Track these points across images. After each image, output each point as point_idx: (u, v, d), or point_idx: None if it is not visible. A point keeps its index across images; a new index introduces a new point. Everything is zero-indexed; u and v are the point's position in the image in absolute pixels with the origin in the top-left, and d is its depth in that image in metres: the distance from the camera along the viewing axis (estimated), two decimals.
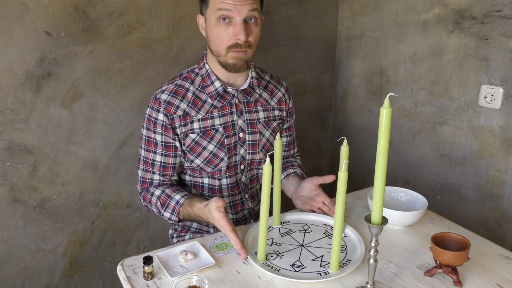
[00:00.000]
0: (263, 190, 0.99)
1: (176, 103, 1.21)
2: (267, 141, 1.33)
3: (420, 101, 1.76)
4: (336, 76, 2.15)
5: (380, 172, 0.82)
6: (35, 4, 1.31)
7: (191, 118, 1.22)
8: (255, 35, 1.16)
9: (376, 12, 1.88)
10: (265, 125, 1.32)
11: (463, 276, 1.00)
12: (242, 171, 1.31)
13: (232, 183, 1.30)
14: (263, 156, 1.32)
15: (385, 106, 0.78)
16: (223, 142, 1.25)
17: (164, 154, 1.23)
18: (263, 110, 1.32)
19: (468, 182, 1.64)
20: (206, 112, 1.23)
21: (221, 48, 1.16)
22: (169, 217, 1.21)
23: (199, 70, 1.27)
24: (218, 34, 1.14)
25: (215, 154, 1.25)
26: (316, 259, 1.04)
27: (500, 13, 1.44)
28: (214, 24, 1.14)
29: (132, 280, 0.98)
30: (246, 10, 1.11)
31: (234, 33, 1.13)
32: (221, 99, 1.25)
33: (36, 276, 1.53)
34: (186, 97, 1.23)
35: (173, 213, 1.20)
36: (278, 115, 1.36)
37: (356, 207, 1.32)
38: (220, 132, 1.24)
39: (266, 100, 1.33)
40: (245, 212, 1.36)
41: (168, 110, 1.20)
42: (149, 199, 1.25)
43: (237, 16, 1.11)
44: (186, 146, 1.24)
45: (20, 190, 1.42)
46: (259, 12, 1.16)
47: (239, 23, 1.11)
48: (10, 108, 1.35)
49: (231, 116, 1.26)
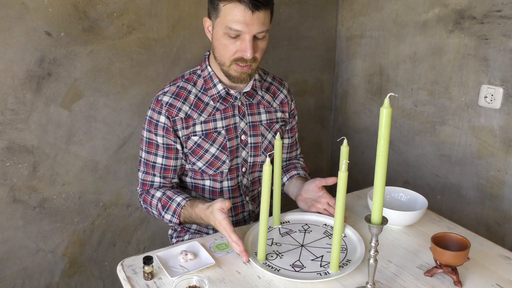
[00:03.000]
0: (263, 190, 0.99)
1: (178, 105, 1.20)
2: (269, 144, 1.32)
3: (420, 101, 1.76)
4: (336, 76, 2.15)
5: (380, 172, 0.82)
6: (35, 4, 1.31)
7: (194, 121, 1.21)
8: (261, 49, 1.15)
9: (376, 12, 1.88)
10: (267, 127, 1.31)
11: (463, 276, 1.00)
12: (244, 173, 1.31)
13: (233, 186, 1.30)
14: (265, 159, 1.32)
15: (385, 106, 0.78)
16: (225, 145, 1.24)
17: (166, 156, 1.23)
18: (266, 112, 1.31)
19: (468, 182, 1.64)
20: (208, 115, 1.23)
21: (226, 59, 1.15)
22: (169, 219, 1.20)
23: (201, 72, 1.25)
24: (224, 46, 1.13)
25: (217, 157, 1.24)
26: (316, 259, 1.04)
27: (500, 13, 1.44)
28: (222, 35, 1.12)
29: (132, 280, 0.98)
30: (256, 30, 1.09)
31: (242, 48, 1.11)
32: (223, 101, 1.24)
33: (36, 276, 1.53)
34: (188, 99, 1.22)
35: (174, 215, 1.19)
36: (281, 117, 1.35)
37: (356, 207, 1.32)
38: (223, 134, 1.24)
39: (268, 102, 1.33)
40: (245, 215, 1.36)
41: (170, 113, 1.20)
42: (149, 201, 1.24)
43: (246, 34, 1.09)
44: (188, 149, 1.23)
45: (20, 190, 1.42)
46: (268, 30, 1.14)
47: (248, 40, 1.09)
48: (10, 108, 1.35)
49: (234, 119, 1.25)
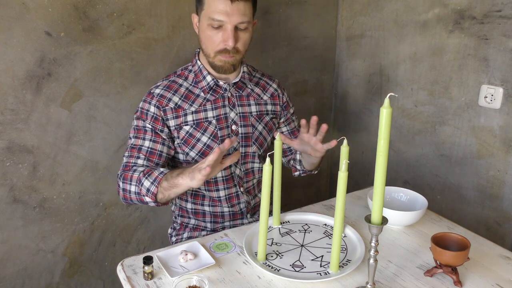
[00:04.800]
0: (263, 190, 0.99)
1: (169, 96, 1.26)
2: (259, 135, 1.35)
3: (420, 101, 1.76)
4: (336, 76, 2.15)
5: (380, 172, 0.82)
6: (35, 4, 1.31)
7: (184, 111, 1.26)
8: (244, 41, 1.22)
9: (376, 12, 1.88)
10: (257, 119, 1.35)
11: (463, 276, 1.00)
12: (236, 163, 1.33)
13: (226, 176, 1.32)
14: (257, 150, 1.35)
15: (385, 106, 0.78)
16: (216, 134, 1.27)
17: (153, 140, 1.24)
18: (256, 104, 1.35)
19: (468, 182, 1.64)
20: (199, 105, 1.27)
21: (210, 50, 1.22)
22: (148, 187, 1.12)
23: (192, 67, 1.32)
24: (208, 37, 1.20)
25: (209, 146, 1.27)
26: (316, 259, 1.04)
27: (500, 13, 1.44)
28: (206, 27, 1.20)
29: (132, 280, 0.98)
30: (237, 20, 1.16)
31: (224, 38, 1.19)
32: (213, 92, 1.29)
33: (36, 276, 1.53)
34: (179, 91, 1.28)
35: (154, 182, 1.11)
36: (272, 110, 1.39)
37: (356, 207, 1.32)
38: (213, 124, 1.27)
39: (258, 95, 1.37)
40: (241, 206, 1.37)
41: (161, 103, 1.24)
42: (130, 175, 1.17)
43: (227, 24, 1.17)
44: (181, 139, 1.26)
45: (20, 190, 1.42)
46: (250, 22, 1.21)
47: (229, 30, 1.17)
48: (10, 108, 1.35)
49: (224, 109, 1.29)
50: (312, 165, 1.38)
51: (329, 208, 1.32)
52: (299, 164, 1.41)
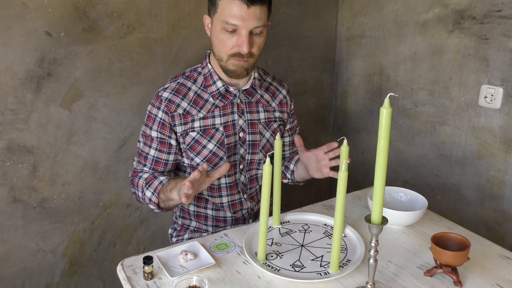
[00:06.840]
0: (263, 190, 0.98)
1: (177, 101, 1.22)
2: (267, 142, 1.33)
3: (420, 101, 1.76)
4: (336, 76, 2.15)
5: (380, 172, 0.82)
6: (35, 4, 1.31)
7: (192, 117, 1.23)
8: (258, 45, 1.17)
9: (376, 12, 1.88)
10: (265, 126, 1.32)
11: (463, 276, 1.00)
12: (241, 170, 1.32)
13: (230, 183, 1.31)
14: (263, 157, 1.33)
15: (385, 106, 0.78)
16: (223, 141, 1.25)
17: (159, 149, 1.24)
18: (264, 111, 1.33)
19: (468, 182, 1.64)
20: (207, 111, 1.24)
21: (223, 54, 1.17)
22: (149, 196, 1.19)
23: (201, 70, 1.27)
24: (221, 41, 1.15)
25: (215, 153, 1.25)
26: (316, 259, 1.04)
27: (500, 13, 1.44)
28: (219, 31, 1.15)
29: (132, 280, 0.98)
30: (252, 25, 1.12)
31: (238, 43, 1.14)
32: (223, 98, 1.25)
33: (36, 276, 1.53)
34: (188, 96, 1.24)
35: (154, 192, 1.18)
36: (279, 116, 1.37)
37: (356, 207, 1.32)
38: (221, 131, 1.25)
39: (267, 101, 1.34)
40: (243, 212, 1.36)
41: (169, 108, 1.22)
42: (136, 182, 1.25)
43: (242, 29, 1.12)
44: (186, 145, 1.25)
45: (20, 190, 1.42)
46: (265, 26, 1.16)
47: (244, 35, 1.12)
48: (10, 108, 1.35)
49: (232, 116, 1.27)
50: (303, 180, 1.39)
51: (329, 208, 1.32)
52: (291, 174, 1.40)
